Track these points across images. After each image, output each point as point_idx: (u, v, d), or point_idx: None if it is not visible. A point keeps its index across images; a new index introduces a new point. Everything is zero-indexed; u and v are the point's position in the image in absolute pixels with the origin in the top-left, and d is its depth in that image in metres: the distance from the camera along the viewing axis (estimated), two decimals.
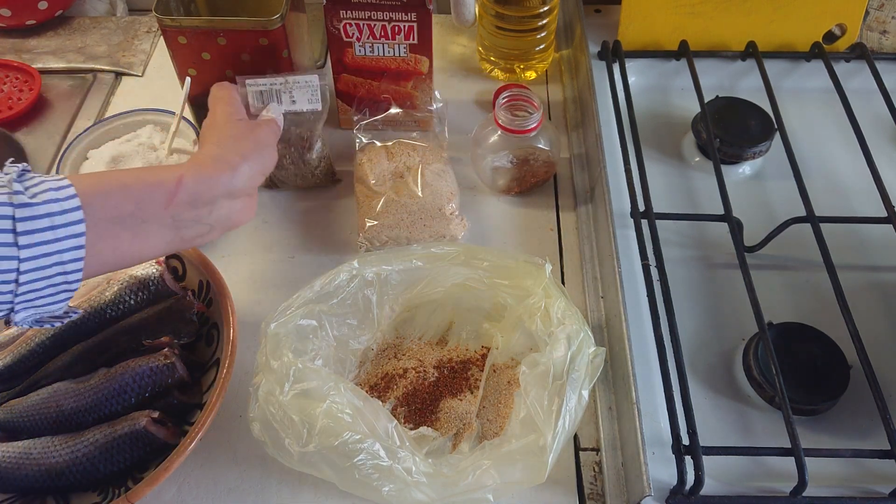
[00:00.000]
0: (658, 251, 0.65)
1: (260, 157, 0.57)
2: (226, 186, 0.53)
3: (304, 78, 0.65)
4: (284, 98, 0.66)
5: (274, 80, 0.65)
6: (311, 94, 0.66)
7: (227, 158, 0.54)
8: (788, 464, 0.54)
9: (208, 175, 0.52)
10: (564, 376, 0.55)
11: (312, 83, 0.66)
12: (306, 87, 0.66)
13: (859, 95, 0.79)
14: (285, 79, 0.65)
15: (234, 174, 0.54)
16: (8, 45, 0.94)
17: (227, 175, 0.53)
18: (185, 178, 0.51)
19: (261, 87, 0.65)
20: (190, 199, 0.51)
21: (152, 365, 0.58)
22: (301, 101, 0.66)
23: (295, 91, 0.66)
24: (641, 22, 0.85)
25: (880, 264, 0.71)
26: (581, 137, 0.83)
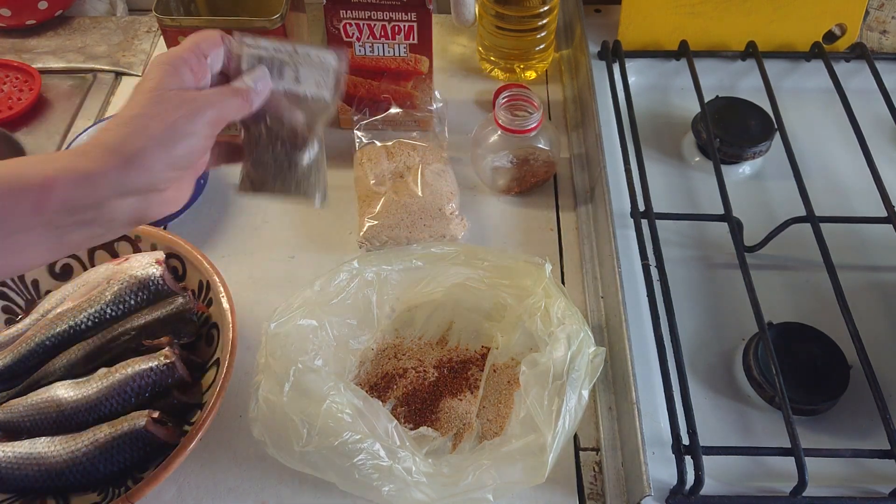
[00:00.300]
0: (658, 251, 0.65)
1: (174, 145, 0.43)
2: (114, 187, 0.41)
3: (320, 53, 0.50)
4: (287, 73, 0.50)
5: (280, 47, 0.50)
6: (323, 76, 0.50)
7: (121, 148, 0.41)
8: (788, 464, 0.54)
9: (87, 173, 0.41)
10: (564, 376, 0.55)
11: (327, 63, 0.50)
12: (318, 67, 0.50)
13: (859, 95, 0.79)
14: (294, 48, 0.50)
15: (127, 171, 0.41)
16: (8, 45, 0.94)
17: (115, 172, 0.41)
18: (56, 180, 0.40)
19: (260, 51, 0.49)
20: (64, 205, 0.40)
21: (152, 365, 0.58)
22: (307, 81, 0.50)
23: (303, 68, 0.50)
24: (641, 22, 0.85)
25: (880, 264, 0.71)
26: (581, 137, 0.83)
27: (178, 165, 0.44)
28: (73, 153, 0.42)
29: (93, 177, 0.41)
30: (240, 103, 0.46)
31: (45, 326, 0.61)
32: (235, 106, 0.46)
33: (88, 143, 0.42)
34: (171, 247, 0.65)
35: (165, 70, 0.44)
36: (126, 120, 0.43)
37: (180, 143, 0.43)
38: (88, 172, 0.41)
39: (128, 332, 0.61)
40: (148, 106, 0.43)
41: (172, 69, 0.44)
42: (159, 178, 0.43)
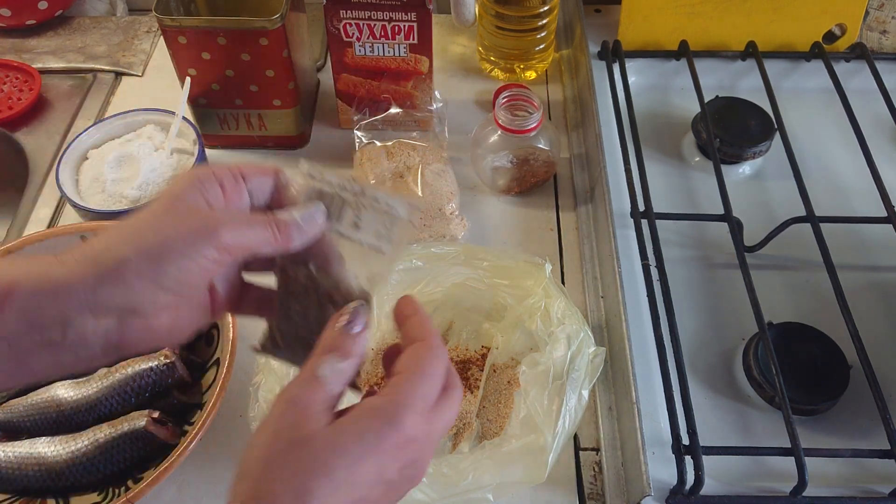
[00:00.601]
0: (658, 251, 0.65)
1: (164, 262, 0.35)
2: (84, 301, 0.34)
3: (389, 200, 0.42)
4: (346, 215, 0.42)
5: (347, 184, 0.42)
6: (387, 226, 0.42)
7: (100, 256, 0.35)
8: (788, 464, 0.54)
9: (54, 280, 0.34)
10: (564, 376, 0.55)
11: (395, 211, 0.42)
12: (384, 215, 0.42)
13: (859, 95, 0.79)
14: (363, 189, 0.42)
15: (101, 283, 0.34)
16: (8, 45, 0.94)
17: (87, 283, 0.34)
18: (17, 284, 0.34)
19: (323, 185, 0.41)
20: (24, 316, 0.34)
21: (152, 365, 0.58)
22: (367, 229, 0.42)
23: (366, 213, 0.42)
24: (641, 22, 0.85)
25: (880, 264, 0.71)
26: (581, 137, 0.83)
27: (167, 287, 0.36)
28: (49, 258, 0.36)
29: (60, 285, 0.34)
30: (270, 235, 0.38)
31: None
32: (263, 237, 0.38)
33: (71, 250, 0.36)
34: None
35: (189, 181, 0.38)
36: (119, 227, 0.36)
37: (173, 262, 0.35)
38: (56, 280, 0.34)
39: None
40: (150, 216, 0.37)
41: (198, 182, 0.38)
42: (141, 299, 0.35)
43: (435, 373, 0.37)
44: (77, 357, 0.36)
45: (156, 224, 0.36)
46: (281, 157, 0.82)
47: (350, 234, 0.42)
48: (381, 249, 0.42)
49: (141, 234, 0.36)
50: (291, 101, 0.77)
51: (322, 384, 0.36)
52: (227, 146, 0.82)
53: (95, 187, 0.73)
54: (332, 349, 0.37)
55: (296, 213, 0.39)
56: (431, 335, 0.38)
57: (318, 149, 0.83)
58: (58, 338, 0.35)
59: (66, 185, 0.72)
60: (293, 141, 0.82)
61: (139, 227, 0.36)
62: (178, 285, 0.36)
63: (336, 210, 0.42)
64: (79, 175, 0.75)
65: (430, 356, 0.37)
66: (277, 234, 0.38)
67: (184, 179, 0.38)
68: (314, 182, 0.42)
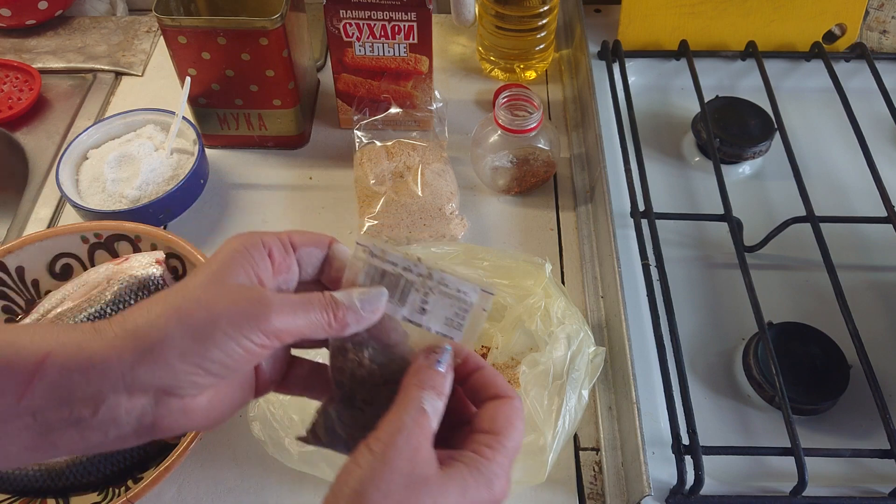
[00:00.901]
0: (658, 251, 0.65)
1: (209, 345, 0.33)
2: (120, 379, 0.32)
3: (459, 284, 0.38)
4: (412, 298, 0.38)
5: (412, 265, 0.39)
6: (457, 312, 0.39)
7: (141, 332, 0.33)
8: (788, 463, 0.54)
9: (90, 353, 0.32)
10: (564, 376, 0.55)
11: (466, 297, 0.38)
12: (454, 300, 0.38)
13: (859, 95, 0.79)
14: (430, 271, 0.38)
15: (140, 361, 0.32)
16: (8, 45, 0.94)
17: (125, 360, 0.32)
18: (51, 356, 0.32)
19: (386, 265, 0.39)
20: (55, 391, 0.32)
21: None
22: (435, 314, 0.39)
23: (434, 297, 0.38)
24: (641, 22, 0.85)
25: (880, 264, 0.71)
26: (581, 137, 0.83)
27: (209, 370, 0.33)
28: (87, 328, 0.33)
29: (95, 360, 0.32)
30: (325, 320, 0.36)
31: None
32: (317, 322, 0.35)
33: (111, 320, 0.34)
34: (171, 246, 0.65)
35: (237, 250, 0.36)
36: (163, 298, 0.34)
37: (219, 345, 0.33)
38: (91, 354, 0.32)
39: None
40: (197, 289, 0.34)
41: (246, 252, 0.36)
42: (181, 381, 0.33)
43: (521, 436, 0.37)
44: (105, 436, 0.34)
45: (203, 300, 0.34)
46: (281, 157, 0.82)
47: (416, 320, 0.39)
48: (452, 337, 0.39)
49: (186, 309, 0.33)
50: (291, 100, 0.77)
51: (429, 419, 0.34)
52: (227, 146, 0.82)
53: (95, 187, 0.73)
54: (429, 386, 0.35)
55: (355, 297, 0.37)
56: (512, 391, 0.38)
57: (318, 149, 0.83)
58: (87, 415, 0.32)
59: (66, 185, 0.72)
60: (293, 141, 0.82)
61: (184, 301, 0.34)
62: (221, 368, 0.34)
63: (400, 292, 0.38)
64: (79, 175, 0.75)
65: (519, 419, 0.36)
66: (333, 319, 0.36)
67: (231, 247, 0.36)
68: (375, 261, 0.38)
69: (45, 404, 0.32)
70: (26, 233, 0.75)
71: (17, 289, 0.65)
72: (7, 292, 0.65)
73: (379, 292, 0.37)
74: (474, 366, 0.38)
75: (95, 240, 0.66)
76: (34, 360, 0.32)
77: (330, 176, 0.80)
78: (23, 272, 0.65)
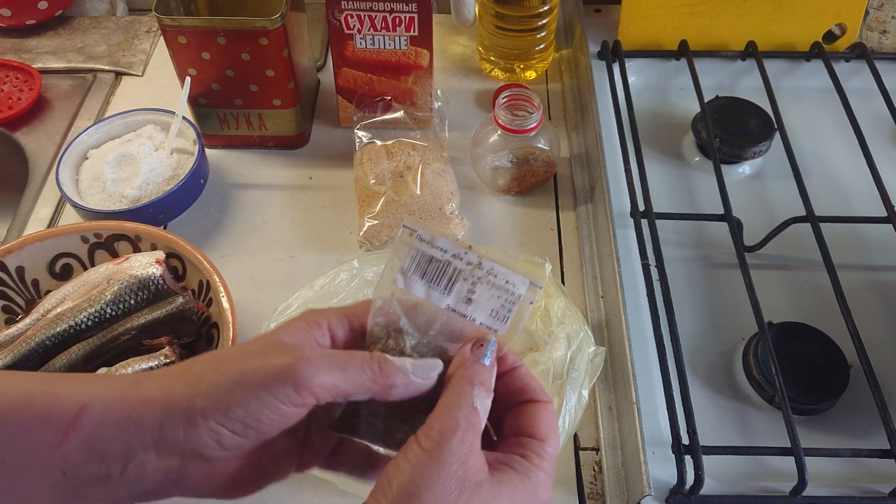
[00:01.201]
0: (658, 251, 0.65)
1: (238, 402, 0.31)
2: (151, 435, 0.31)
3: (508, 274, 0.37)
4: (458, 288, 0.37)
5: (460, 252, 0.37)
6: (504, 303, 0.37)
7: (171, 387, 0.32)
8: (788, 463, 0.54)
9: (127, 407, 0.31)
10: (564, 376, 0.55)
11: (514, 288, 0.37)
12: (501, 291, 0.37)
13: (859, 95, 0.79)
14: (480, 260, 0.37)
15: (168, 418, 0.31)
16: (8, 45, 0.94)
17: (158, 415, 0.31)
18: (88, 408, 0.31)
19: (434, 251, 0.37)
20: (88, 446, 0.31)
21: (152, 364, 0.58)
22: (481, 305, 0.37)
23: (481, 287, 0.37)
24: (641, 22, 0.85)
25: (880, 264, 0.71)
26: (581, 137, 0.83)
27: (235, 431, 0.31)
28: (128, 380, 0.32)
29: (130, 414, 0.31)
30: (367, 377, 0.33)
31: (45, 326, 0.61)
32: (358, 378, 0.33)
33: (153, 373, 0.33)
34: (171, 246, 0.65)
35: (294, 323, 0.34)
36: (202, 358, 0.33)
37: (241, 404, 0.31)
38: (128, 407, 0.31)
39: (128, 331, 0.61)
40: (237, 350, 0.33)
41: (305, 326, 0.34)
42: (204, 441, 0.31)
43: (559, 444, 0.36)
44: (131, 493, 0.32)
45: (232, 356, 0.32)
46: (281, 157, 0.82)
47: (461, 310, 0.37)
48: (496, 329, 0.37)
49: (216, 368, 0.32)
50: (291, 100, 0.77)
51: (480, 419, 0.33)
52: (227, 146, 0.82)
53: (95, 187, 0.73)
54: (478, 382, 0.34)
55: (407, 363, 0.34)
56: (547, 395, 0.37)
57: (318, 149, 0.83)
58: (116, 473, 0.31)
59: (66, 185, 0.72)
60: (293, 140, 0.82)
61: (220, 361, 0.32)
62: (247, 429, 0.31)
63: (448, 281, 0.37)
64: (79, 175, 0.75)
65: (555, 423, 0.36)
66: (378, 377, 0.33)
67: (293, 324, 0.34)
68: (423, 245, 0.37)
69: (77, 459, 0.31)
70: (26, 233, 0.75)
71: (17, 289, 0.65)
72: (7, 292, 0.65)
73: (435, 363, 0.35)
74: (511, 364, 0.37)
75: (95, 240, 0.66)
76: (72, 411, 0.31)
77: (330, 176, 0.80)
78: (23, 272, 0.65)
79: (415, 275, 0.37)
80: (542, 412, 0.35)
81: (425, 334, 0.37)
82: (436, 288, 0.37)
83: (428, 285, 0.37)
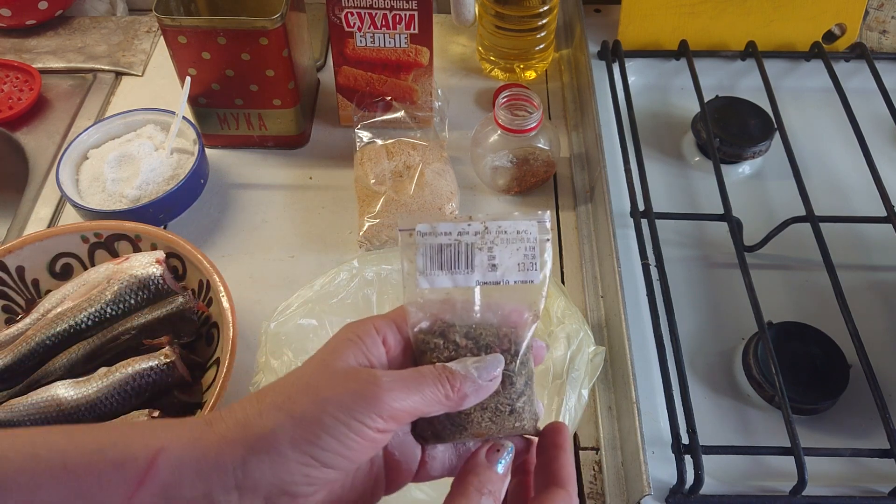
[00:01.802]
0: (658, 251, 0.65)
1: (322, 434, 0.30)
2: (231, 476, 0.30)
3: (516, 224, 0.37)
4: (479, 260, 0.37)
5: (465, 227, 0.37)
6: (526, 252, 0.37)
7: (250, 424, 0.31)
8: (788, 463, 0.54)
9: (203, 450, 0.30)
10: (564, 375, 0.55)
11: (528, 233, 0.37)
12: (518, 242, 0.37)
13: (859, 95, 0.79)
14: (485, 224, 0.37)
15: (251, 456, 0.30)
16: (8, 45, 0.94)
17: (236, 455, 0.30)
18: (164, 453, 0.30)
19: (440, 238, 0.36)
20: (164, 493, 0.30)
21: (152, 364, 0.58)
22: (507, 265, 0.37)
23: (499, 248, 0.37)
24: (641, 22, 0.85)
25: (880, 264, 0.71)
26: (581, 137, 0.83)
27: (324, 461, 0.30)
28: (199, 422, 0.31)
29: (208, 456, 0.30)
30: (441, 394, 0.33)
31: (45, 326, 0.61)
32: (433, 397, 0.33)
33: (223, 412, 0.32)
34: (171, 246, 0.65)
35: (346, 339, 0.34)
36: (272, 388, 0.32)
37: (329, 432, 0.30)
38: (205, 449, 0.30)
39: (128, 331, 0.61)
40: (305, 376, 0.32)
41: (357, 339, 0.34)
42: (293, 475, 0.30)
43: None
44: None
45: (310, 385, 0.31)
46: (281, 157, 0.82)
47: (491, 279, 0.37)
48: (531, 279, 0.37)
49: (294, 398, 0.31)
50: (291, 100, 0.77)
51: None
52: (227, 146, 0.82)
53: (95, 187, 0.73)
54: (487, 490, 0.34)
55: (471, 366, 0.34)
56: (574, 484, 0.36)
57: (318, 148, 0.83)
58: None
59: (66, 185, 0.72)
60: (293, 140, 0.82)
61: (291, 388, 0.31)
62: (336, 458, 0.31)
63: (466, 259, 0.37)
64: (79, 175, 0.75)
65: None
66: (450, 391, 0.33)
67: (342, 335, 0.34)
68: (427, 239, 0.36)
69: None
70: (26, 232, 0.75)
71: (17, 288, 0.65)
72: (7, 292, 0.65)
73: (495, 359, 0.35)
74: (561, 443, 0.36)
75: (95, 239, 0.66)
76: (146, 458, 0.30)
77: (330, 176, 0.80)
78: (23, 272, 0.65)
79: (433, 269, 0.36)
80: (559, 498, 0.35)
81: (471, 318, 0.36)
82: (458, 271, 0.36)
83: (450, 272, 0.36)
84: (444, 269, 0.36)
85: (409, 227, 0.36)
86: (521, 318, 0.36)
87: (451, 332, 0.36)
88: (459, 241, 0.36)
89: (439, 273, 0.36)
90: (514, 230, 0.37)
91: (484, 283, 0.36)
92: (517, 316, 0.36)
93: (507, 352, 0.36)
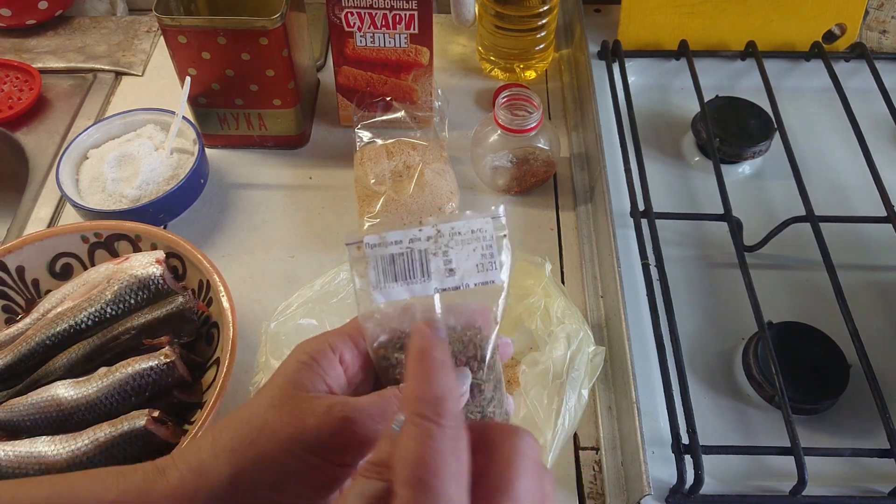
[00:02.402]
0: (658, 251, 0.65)
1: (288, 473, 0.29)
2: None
3: (470, 222, 0.35)
4: (435, 265, 0.34)
5: (415, 233, 0.35)
6: (484, 251, 0.35)
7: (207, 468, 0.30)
8: (788, 463, 0.54)
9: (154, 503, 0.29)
10: (564, 375, 0.55)
11: (483, 231, 0.35)
12: (474, 242, 0.35)
13: (859, 95, 0.79)
14: (437, 227, 0.35)
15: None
16: (8, 45, 0.94)
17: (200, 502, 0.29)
18: None
19: (390, 248, 0.34)
20: None
21: (152, 364, 0.58)
22: (465, 268, 0.35)
23: (455, 250, 0.35)
24: (641, 22, 0.85)
25: (880, 264, 0.71)
26: (581, 137, 0.83)
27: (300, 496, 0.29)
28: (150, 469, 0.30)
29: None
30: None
31: (45, 326, 0.61)
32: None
33: (174, 457, 0.30)
34: (171, 246, 0.65)
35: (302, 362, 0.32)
36: (227, 426, 0.30)
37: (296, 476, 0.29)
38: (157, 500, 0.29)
39: (128, 331, 0.61)
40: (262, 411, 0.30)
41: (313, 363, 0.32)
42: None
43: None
44: None
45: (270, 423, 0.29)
46: (281, 157, 0.82)
47: (450, 284, 0.34)
48: (491, 280, 0.35)
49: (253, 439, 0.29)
50: (291, 100, 0.77)
51: None
52: (227, 146, 0.82)
53: (95, 187, 0.73)
54: None
55: None
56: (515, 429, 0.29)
57: (318, 148, 0.83)
58: None
59: (66, 185, 0.72)
60: (293, 140, 0.82)
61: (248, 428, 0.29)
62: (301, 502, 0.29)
63: (421, 266, 0.34)
64: (79, 175, 0.75)
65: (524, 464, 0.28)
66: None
67: (297, 359, 0.32)
68: (377, 251, 0.34)
69: None
70: (26, 232, 0.75)
71: (17, 288, 0.65)
72: (7, 292, 0.65)
73: (462, 374, 0.32)
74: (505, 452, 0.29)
75: (95, 239, 0.66)
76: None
77: (330, 175, 0.80)
78: (23, 272, 0.65)
79: (387, 281, 0.34)
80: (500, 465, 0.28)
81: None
82: (414, 281, 0.34)
83: (406, 283, 0.34)
84: (399, 280, 0.34)
85: (356, 241, 0.34)
86: (487, 318, 0.34)
87: None
88: (412, 248, 0.34)
89: (394, 285, 0.34)
90: (469, 230, 0.35)
91: (443, 290, 0.34)
92: (481, 316, 0.34)
93: (473, 359, 0.34)
